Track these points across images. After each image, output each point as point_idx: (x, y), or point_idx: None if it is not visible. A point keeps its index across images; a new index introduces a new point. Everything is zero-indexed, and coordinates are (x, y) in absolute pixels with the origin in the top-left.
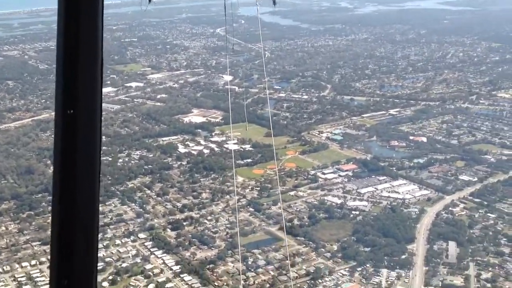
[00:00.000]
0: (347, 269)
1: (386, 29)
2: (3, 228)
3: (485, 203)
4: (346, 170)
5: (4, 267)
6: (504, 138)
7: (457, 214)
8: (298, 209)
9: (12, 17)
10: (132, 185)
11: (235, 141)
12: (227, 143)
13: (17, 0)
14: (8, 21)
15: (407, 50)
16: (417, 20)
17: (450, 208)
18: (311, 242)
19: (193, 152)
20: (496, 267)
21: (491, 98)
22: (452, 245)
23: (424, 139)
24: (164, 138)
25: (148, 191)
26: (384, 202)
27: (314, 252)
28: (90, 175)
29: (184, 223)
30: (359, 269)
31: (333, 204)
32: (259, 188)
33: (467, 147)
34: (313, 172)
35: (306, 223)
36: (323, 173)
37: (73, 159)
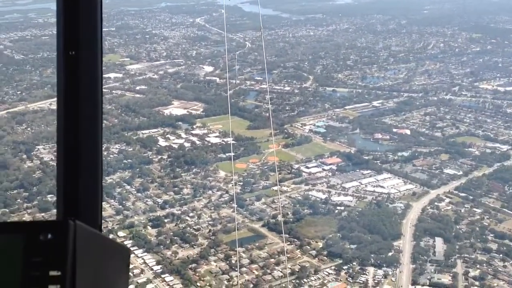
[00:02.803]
0: (333, 267)
1: (366, 20)
2: None
3: (471, 197)
4: (330, 164)
5: None
6: (487, 130)
7: (443, 209)
8: (282, 205)
9: None
10: (111, 180)
11: (217, 134)
12: (209, 136)
13: None
14: None
15: (388, 41)
16: (397, 10)
17: (436, 203)
18: (295, 240)
19: (173, 145)
20: (484, 264)
21: (473, 90)
22: (439, 242)
23: (408, 132)
24: (144, 131)
25: (128, 187)
26: (369, 197)
27: (299, 250)
28: (93, 112)
29: (165, 220)
30: (345, 267)
31: (318, 199)
32: (242, 183)
33: (451, 140)
34: (296, 166)
35: (291, 220)
36: (307, 167)
37: (75, 98)
